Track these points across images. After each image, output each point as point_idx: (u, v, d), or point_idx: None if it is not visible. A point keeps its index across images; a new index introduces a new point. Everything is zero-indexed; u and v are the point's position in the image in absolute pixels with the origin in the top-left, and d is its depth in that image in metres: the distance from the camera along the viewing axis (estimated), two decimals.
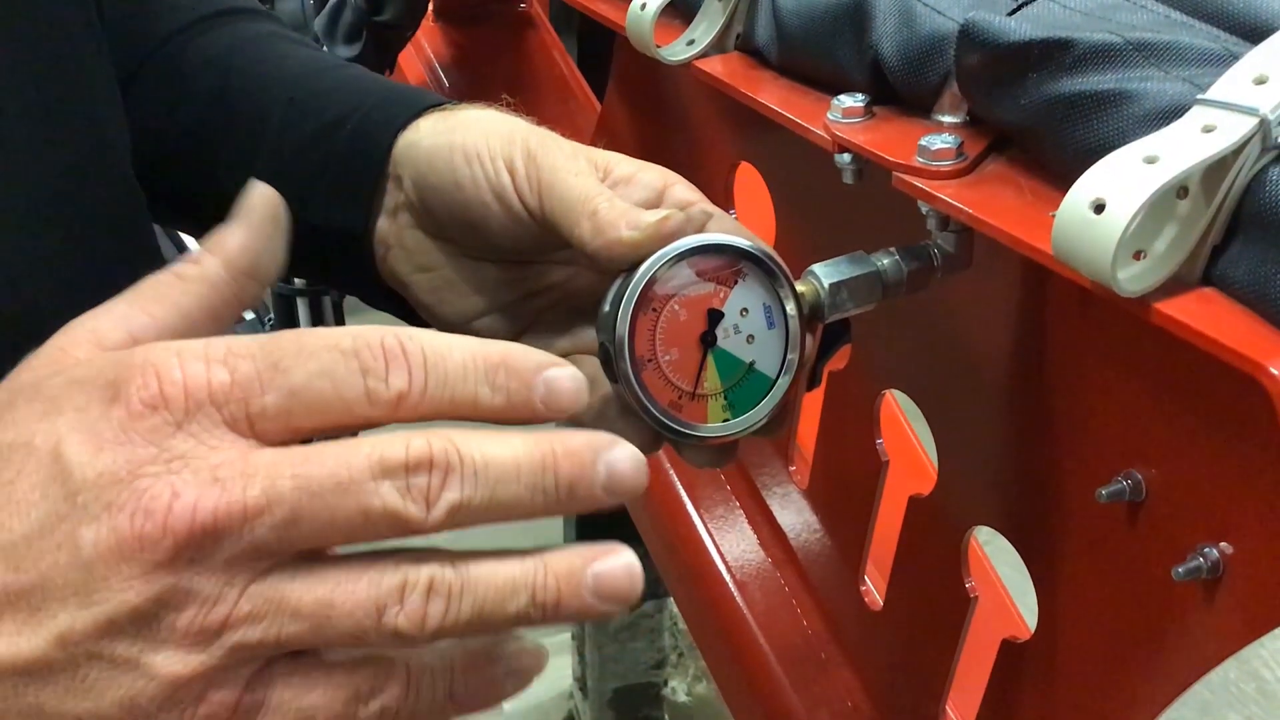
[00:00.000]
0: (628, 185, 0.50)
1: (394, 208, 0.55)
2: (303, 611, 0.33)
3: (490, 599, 0.34)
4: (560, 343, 0.55)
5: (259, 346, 0.34)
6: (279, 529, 0.33)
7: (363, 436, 0.34)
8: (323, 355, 0.34)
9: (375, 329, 0.35)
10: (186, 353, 0.34)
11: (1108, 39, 0.46)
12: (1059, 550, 0.56)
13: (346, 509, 0.33)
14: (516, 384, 0.36)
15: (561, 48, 1.23)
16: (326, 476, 0.33)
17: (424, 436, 0.34)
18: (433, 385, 0.35)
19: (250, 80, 0.61)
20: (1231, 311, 0.41)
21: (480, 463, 0.34)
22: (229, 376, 0.33)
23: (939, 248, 0.53)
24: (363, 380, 0.34)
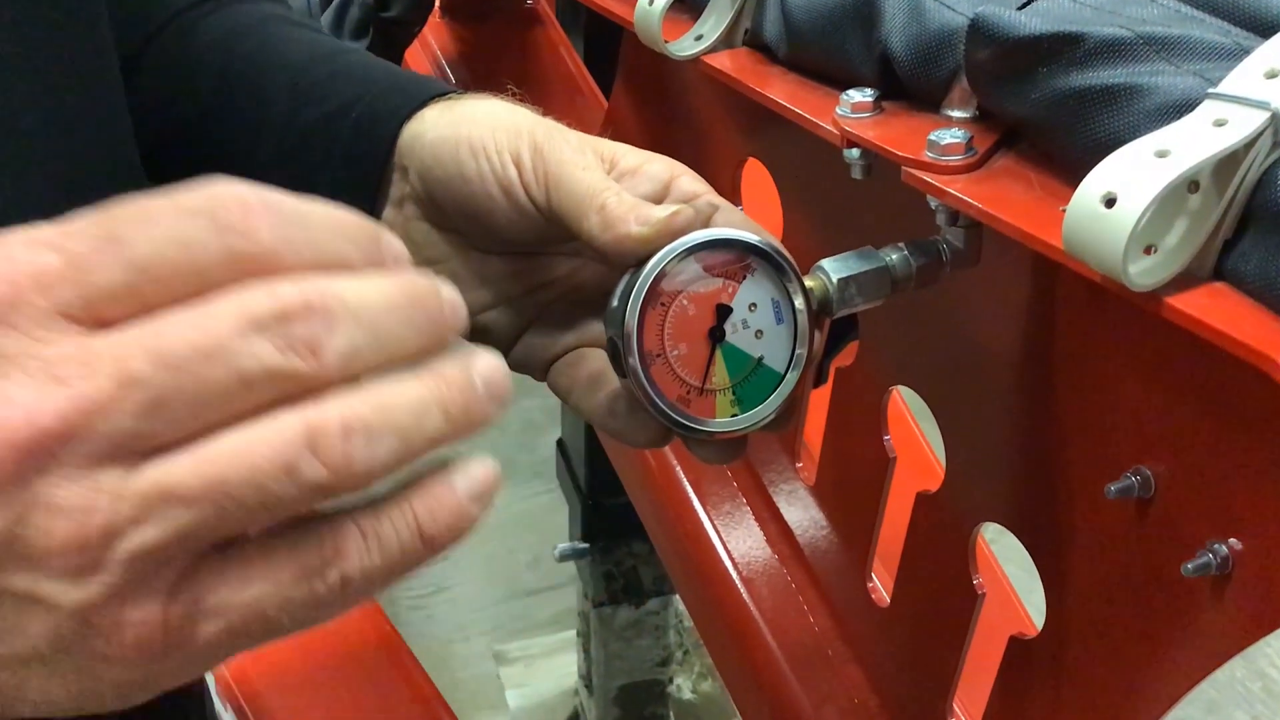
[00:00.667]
0: (634, 177, 0.50)
1: (399, 199, 0.55)
2: (195, 496, 0.29)
3: (407, 423, 0.31)
4: (566, 336, 0.54)
5: (94, 222, 0.30)
6: (142, 416, 0.29)
7: (218, 294, 0.30)
8: (168, 219, 0.30)
9: (226, 185, 0.30)
10: (12, 241, 0.30)
11: (1118, 33, 0.46)
12: (1067, 547, 0.56)
13: (218, 377, 0.29)
14: (368, 242, 0.32)
15: (568, 44, 1.23)
16: (186, 345, 0.29)
17: (292, 283, 0.30)
18: (301, 239, 0.31)
19: (253, 65, 0.61)
20: (1242, 306, 0.41)
21: (357, 302, 0.30)
22: (57, 258, 0.29)
23: (948, 243, 0.53)
24: (220, 239, 0.30)
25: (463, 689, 1.93)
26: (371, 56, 0.63)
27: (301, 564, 0.31)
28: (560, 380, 0.54)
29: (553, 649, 2.00)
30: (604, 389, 0.52)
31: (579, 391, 0.53)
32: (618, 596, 1.58)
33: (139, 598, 0.30)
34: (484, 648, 2.02)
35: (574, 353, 0.54)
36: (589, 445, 1.49)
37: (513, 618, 2.06)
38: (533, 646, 2.02)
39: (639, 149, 0.52)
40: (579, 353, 0.54)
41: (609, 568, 1.58)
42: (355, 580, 0.32)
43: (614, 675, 1.66)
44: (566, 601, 1.90)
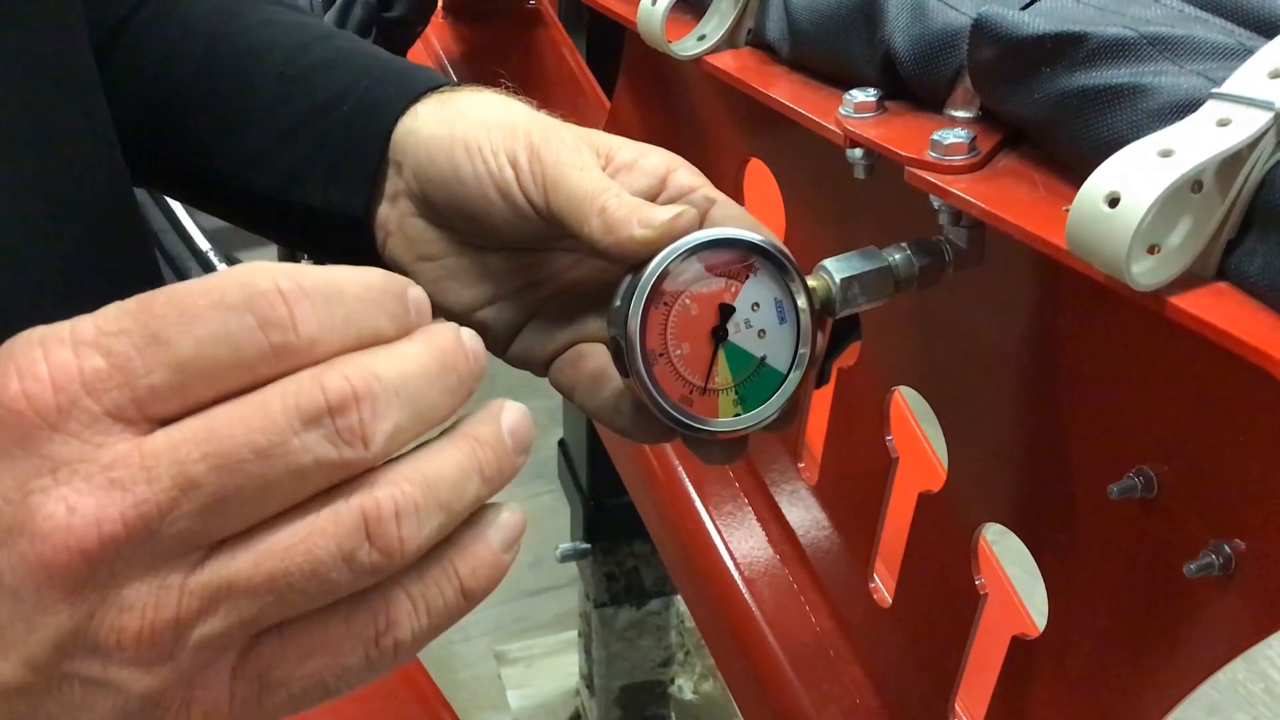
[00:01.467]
0: (630, 171, 0.50)
1: (394, 194, 0.55)
2: (258, 588, 0.31)
3: (451, 496, 0.32)
4: (564, 332, 0.54)
5: (132, 318, 0.30)
6: (202, 515, 0.30)
7: (265, 388, 0.31)
8: (211, 317, 0.30)
9: (261, 271, 0.31)
10: (51, 339, 0.30)
11: (1122, 33, 0.46)
12: (1070, 547, 0.56)
13: (274, 474, 0.30)
14: (398, 306, 0.33)
15: (571, 44, 1.23)
16: (243, 446, 0.30)
17: (335, 371, 0.31)
18: (339, 320, 0.31)
19: (237, 50, 0.60)
20: (1246, 306, 0.41)
21: (398, 380, 0.31)
22: (103, 361, 0.30)
23: (951, 243, 0.53)
24: (264, 335, 0.30)
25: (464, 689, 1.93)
26: (360, 41, 0.62)
27: (358, 635, 0.33)
28: (562, 378, 0.54)
29: (554, 649, 2.00)
30: (607, 386, 0.52)
31: (582, 389, 0.53)
32: (619, 597, 1.58)
33: (206, 679, 0.31)
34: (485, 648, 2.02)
35: (574, 349, 0.54)
36: (590, 445, 1.49)
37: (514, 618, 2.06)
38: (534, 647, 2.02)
39: (635, 141, 0.52)
40: (579, 349, 0.54)
41: (610, 568, 1.58)
42: (406, 644, 0.33)
43: (615, 676, 1.66)
44: (568, 602, 1.90)
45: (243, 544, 0.31)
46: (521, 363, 0.56)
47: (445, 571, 0.33)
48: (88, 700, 0.31)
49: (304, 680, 0.32)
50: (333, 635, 0.32)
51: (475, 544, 0.34)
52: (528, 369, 0.56)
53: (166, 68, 0.61)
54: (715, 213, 0.49)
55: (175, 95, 0.61)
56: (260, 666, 0.32)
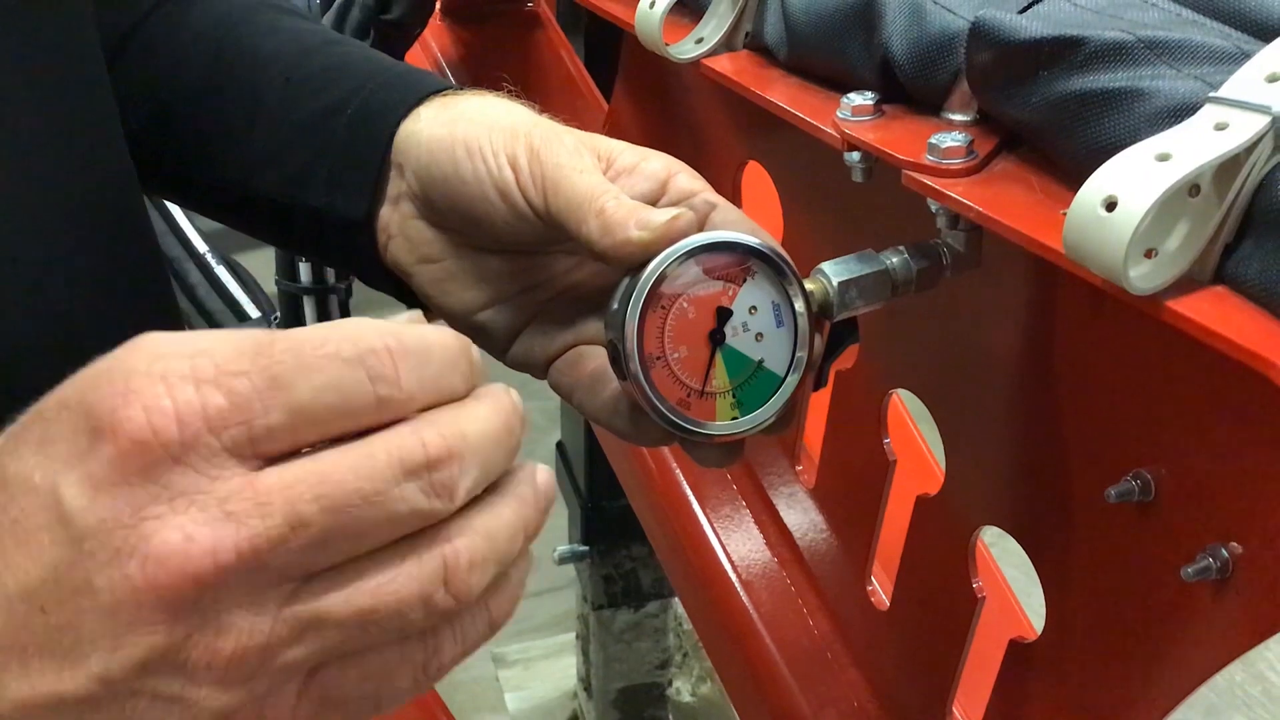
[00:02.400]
0: (630, 175, 0.50)
1: (396, 196, 0.55)
2: (344, 622, 0.33)
3: (506, 550, 0.35)
4: (564, 335, 0.54)
5: (251, 360, 0.32)
6: (306, 553, 0.32)
7: (370, 438, 0.33)
8: (327, 368, 0.33)
9: (369, 330, 0.34)
10: (172, 375, 0.32)
11: (1119, 37, 0.46)
12: (1067, 550, 0.56)
13: (375, 519, 0.32)
14: (468, 366, 0.36)
15: (569, 46, 1.23)
16: (352, 492, 0.32)
17: (434, 430, 0.33)
18: (430, 379, 0.34)
19: (243, 56, 0.61)
20: (1243, 310, 0.41)
21: (478, 441, 0.34)
22: (225, 400, 0.32)
23: (948, 246, 0.53)
24: (373, 389, 0.33)
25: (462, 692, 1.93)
26: (365, 47, 0.62)
27: (410, 661, 0.35)
28: (561, 379, 0.54)
29: (552, 652, 1.99)
30: (607, 388, 0.52)
31: (581, 391, 0.53)
32: (617, 599, 1.58)
33: (276, 700, 0.33)
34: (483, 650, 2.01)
35: (573, 351, 0.54)
36: (589, 448, 1.49)
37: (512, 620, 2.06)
38: (532, 649, 2.01)
39: (636, 146, 0.52)
40: (578, 351, 0.54)
41: (608, 570, 1.58)
42: (446, 668, 0.36)
43: (613, 678, 1.66)
44: (566, 604, 1.90)
45: (334, 580, 0.33)
46: (521, 365, 0.56)
47: (482, 606, 0.36)
48: (150, 716, 0.32)
49: (358, 701, 0.35)
50: (389, 661, 0.35)
51: (505, 583, 0.37)
52: (527, 371, 0.56)
53: (174, 73, 0.62)
54: (715, 217, 0.50)
55: (181, 100, 0.61)
56: (323, 689, 0.34)
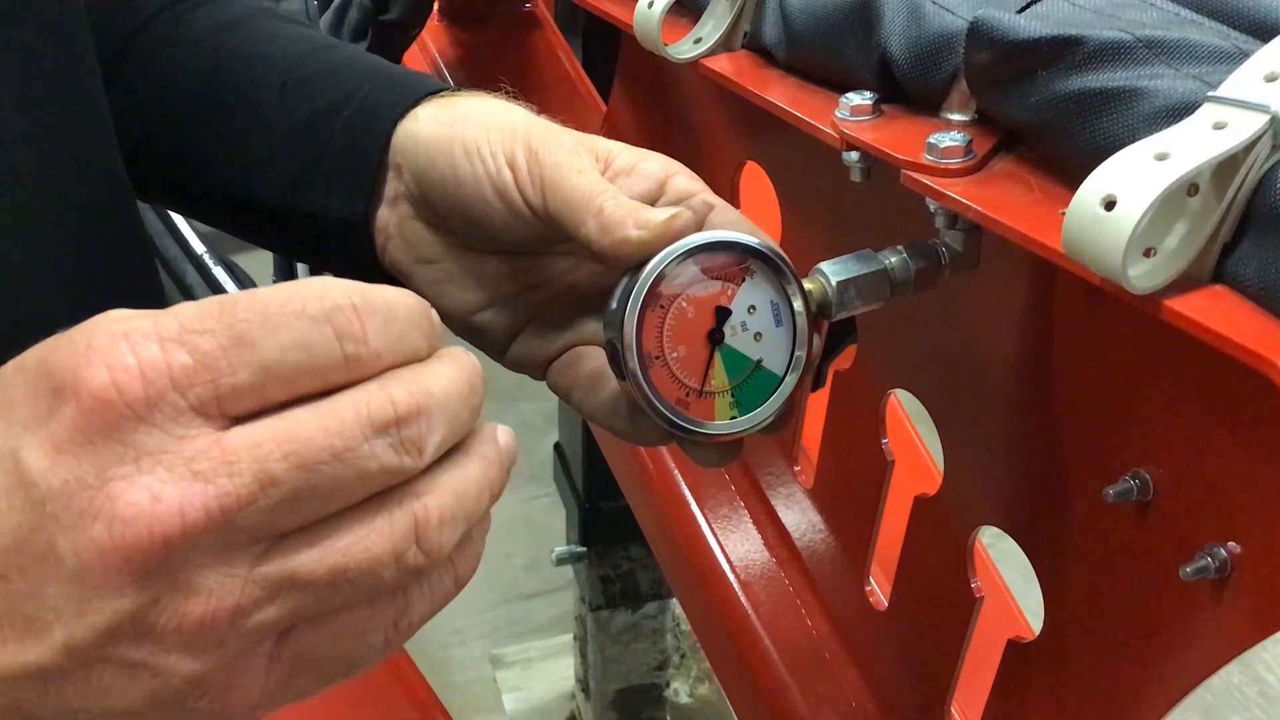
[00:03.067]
0: (629, 176, 0.50)
1: (394, 197, 0.55)
2: (317, 582, 0.32)
3: (472, 508, 0.35)
4: (562, 335, 0.54)
5: (216, 319, 0.32)
6: (276, 511, 0.31)
7: (338, 396, 0.33)
8: (294, 325, 0.32)
9: (335, 287, 0.33)
10: (135, 334, 0.31)
11: (1118, 36, 0.46)
12: (1065, 550, 0.56)
13: (344, 476, 0.32)
14: (430, 327, 0.36)
15: (567, 47, 1.23)
16: (321, 449, 0.32)
17: (401, 387, 0.33)
18: (395, 341, 0.34)
19: (241, 61, 0.61)
20: (1242, 309, 0.41)
21: (443, 398, 0.34)
22: (189, 358, 0.31)
23: (947, 246, 0.53)
24: (340, 346, 0.33)
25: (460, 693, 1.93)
26: (360, 51, 0.63)
27: (380, 619, 0.35)
28: (560, 380, 0.54)
29: (550, 653, 1.99)
30: (605, 388, 0.52)
31: (580, 391, 0.53)
32: (615, 600, 1.58)
33: (248, 663, 0.33)
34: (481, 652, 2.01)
35: (572, 351, 0.54)
36: (586, 449, 1.49)
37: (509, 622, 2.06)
38: (530, 650, 2.01)
39: (634, 147, 0.52)
40: (577, 351, 0.54)
41: (606, 571, 1.58)
42: (416, 625, 0.36)
43: (611, 679, 1.66)
44: (563, 605, 1.90)
45: (305, 539, 0.32)
46: (519, 365, 0.56)
47: (449, 564, 0.36)
48: (117, 685, 0.32)
49: (331, 661, 0.35)
50: (359, 620, 0.34)
51: (468, 541, 0.37)
52: (526, 372, 0.56)
53: (172, 80, 0.62)
54: (713, 218, 0.50)
55: (179, 106, 0.61)
56: (295, 650, 0.34)
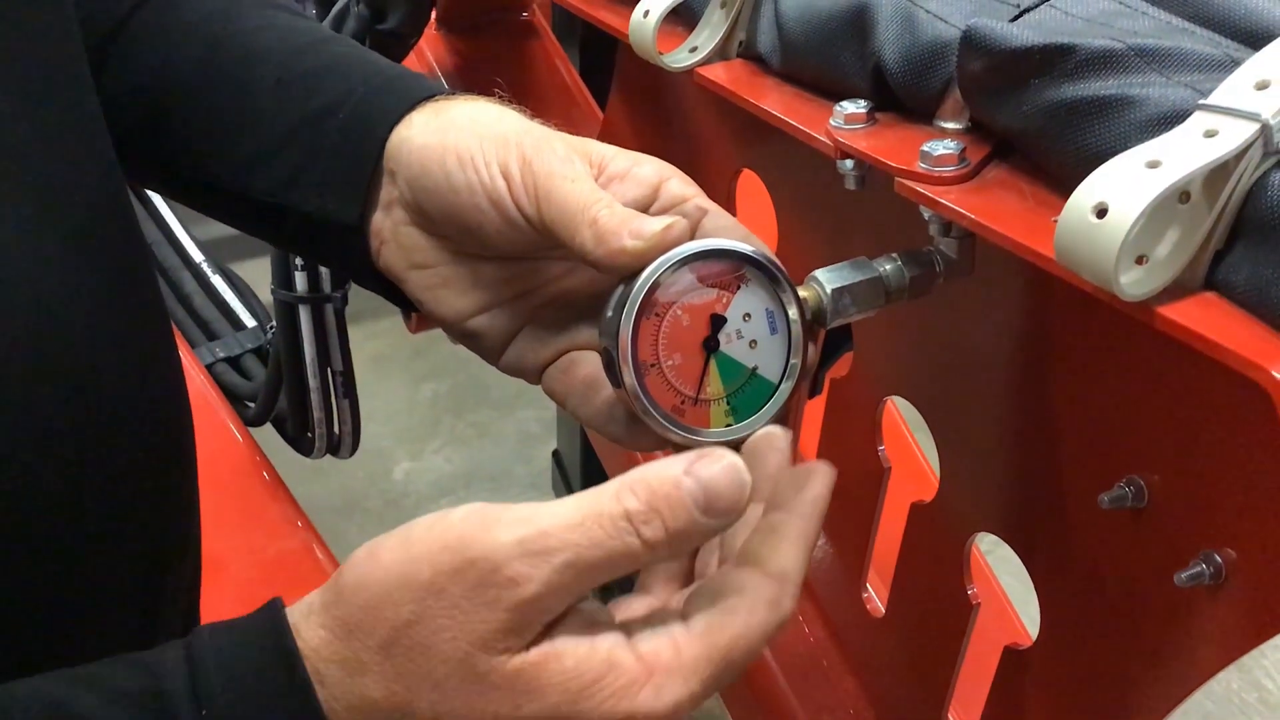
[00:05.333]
0: (622, 181, 0.50)
1: (388, 202, 0.55)
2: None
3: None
4: (557, 340, 0.54)
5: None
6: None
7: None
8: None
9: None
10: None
11: (1109, 44, 0.46)
12: (1061, 556, 0.56)
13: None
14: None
15: (564, 56, 1.23)
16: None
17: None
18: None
19: (234, 52, 0.60)
20: (1233, 316, 0.41)
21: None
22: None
23: (941, 253, 0.54)
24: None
25: None
26: (356, 46, 0.62)
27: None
28: (555, 385, 0.54)
29: None
30: (600, 394, 0.52)
31: (575, 397, 0.53)
32: None
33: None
34: None
35: (567, 356, 0.54)
36: (584, 456, 1.49)
37: None
38: None
39: (628, 151, 0.52)
40: (572, 356, 0.54)
41: None
42: None
43: None
44: None
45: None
46: (515, 370, 0.56)
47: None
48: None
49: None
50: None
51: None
52: (521, 377, 0.56)
53: (164, 68, 0.61)
54: (707, 223, 0.50)
55: (172, 97, 0.61)
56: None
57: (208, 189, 0.61)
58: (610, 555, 0.39)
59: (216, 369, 1.56)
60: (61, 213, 0.49)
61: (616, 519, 0.39)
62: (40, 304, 0.47)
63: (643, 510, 0.40)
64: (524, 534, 0.39)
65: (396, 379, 2.52)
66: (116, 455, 0.49)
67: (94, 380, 0.48)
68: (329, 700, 0.40)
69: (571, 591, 0.40)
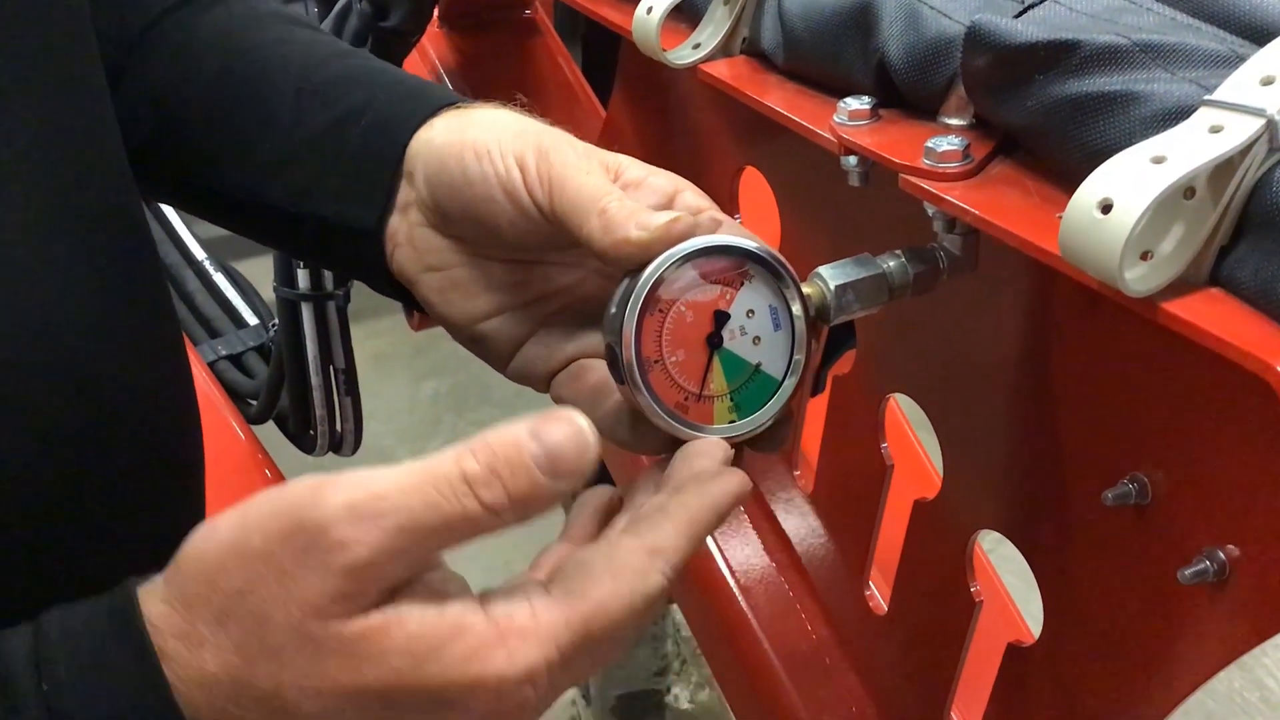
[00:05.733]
0: (637, 189, 0.50)
1: (405, 205, 0.55)
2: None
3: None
4: (566, 348, 0.54)
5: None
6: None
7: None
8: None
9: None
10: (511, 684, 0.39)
11: (1114, 40, 0.46)
12: (1064, 554, 0.56)
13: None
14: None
15: (566, 53, 1.23)
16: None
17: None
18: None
19: (253, 65, 0.61)
20: (1238, 312, 0.41)
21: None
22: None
23: (945, 250, 0.53)
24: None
25: None
26: (373, 58, 0.62)
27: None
28: (563, 392, 0.54)
29: None
30: (607, 400, 0.52)
31: (582, 403, 0.53)
32: None
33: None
34: None
35: (576, 364, 0.54)
36: None
37: None
38: None
39: (643, 162, 0.52)
40: (580, 364, 0.54)
41: None
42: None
43: (611, 685, 1.66)
44: None
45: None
46: (522, 377, 0.56)
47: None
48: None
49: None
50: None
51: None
52: (528, 384, 0.56)
53: (183, 81, 0.61)
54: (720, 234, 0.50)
55: (190, 108, 0.61)
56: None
57: (223, 198, 0.62)
58: (447, 519, 0.38)
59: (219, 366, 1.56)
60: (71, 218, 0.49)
61: (454, 481, 0.38)
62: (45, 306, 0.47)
63: (482, 473, 0.38)
64: (354, 497, 0.37)
65: (398, 377, 2.52)
66: (118, 457, 0.49)
67: (97, 383, 0.48)
68: (173, 676, 0.38)
69: (409, 556, 0.38)
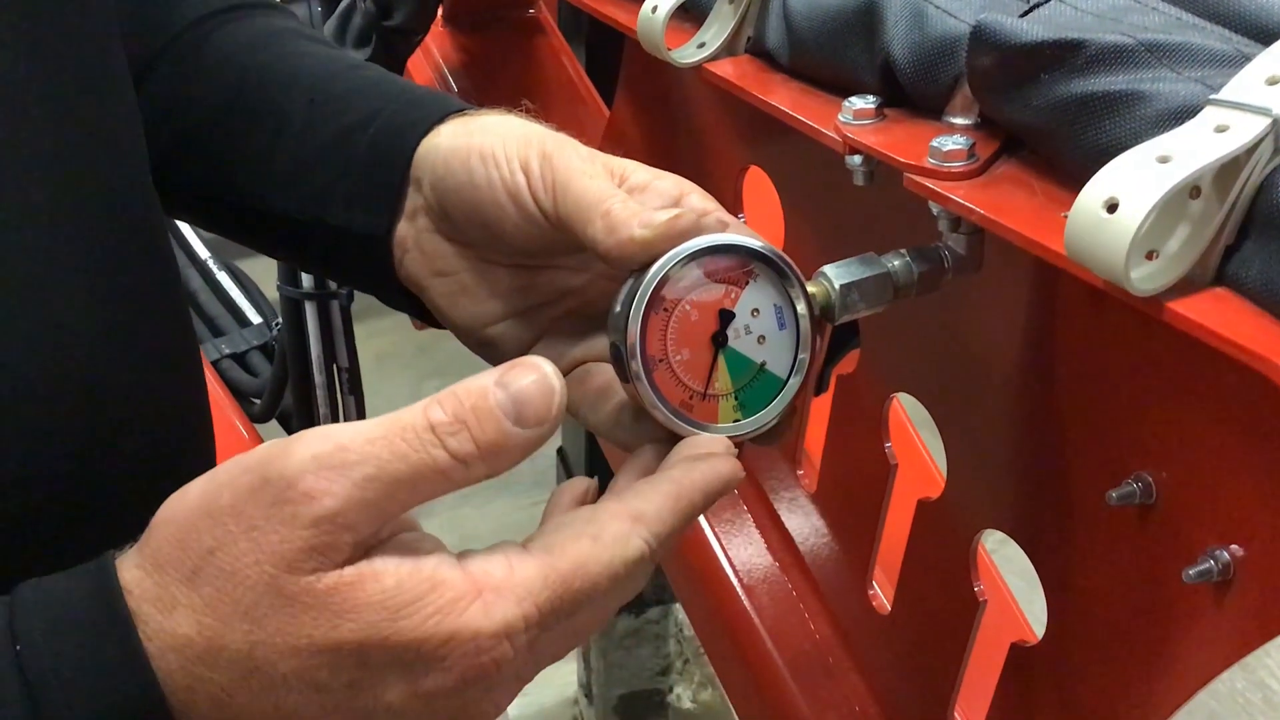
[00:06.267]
0: (643, 193, 0.51)
1: (413, 211, 0.56)
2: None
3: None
4: (574, 351, 0.55)
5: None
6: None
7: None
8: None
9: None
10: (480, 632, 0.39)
11: (1120, 40, 0.46)
12: (1068, 553, 0.56)
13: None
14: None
15: (570, 52, 1.23)
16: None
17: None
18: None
19: (269, 77, 0.61)
20: (1244, 311, 0.41)
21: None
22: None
23: (950, 249, 0.53)
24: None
25: None
26: (385, 72, 0.63)
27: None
28: (569, 395, 0.55)
29: None
30: (611, 401, 0.52)
31: (587, 406, 0.53)
32: None
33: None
34: None
35: (582, 367, 0.55)
36: (589, 454, 1.49)
37: None
38: None
39: (648, 166, 0.52)
40: (586, 367, 0.54)
41: None
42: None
43: (614, 684, 1.66)
44: None
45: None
46: None
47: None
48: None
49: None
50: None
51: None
52: None
53: (200, 95, 0.62)
54: None
55: (205, 121, 0.62)
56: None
57: (235, 210, 0.62)
58: (415, 468, 0.37)
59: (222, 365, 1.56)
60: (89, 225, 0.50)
61: (420, 430, 0.38)
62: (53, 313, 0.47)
63: (449, 422, 0.38)
64: (321, 449, 0.37)
65: (401, 376, 2.52)
66: (125, 466, 0.50)
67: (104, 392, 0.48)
68: (147, 641, 0.38)
69: (379, 508, 0.38)
